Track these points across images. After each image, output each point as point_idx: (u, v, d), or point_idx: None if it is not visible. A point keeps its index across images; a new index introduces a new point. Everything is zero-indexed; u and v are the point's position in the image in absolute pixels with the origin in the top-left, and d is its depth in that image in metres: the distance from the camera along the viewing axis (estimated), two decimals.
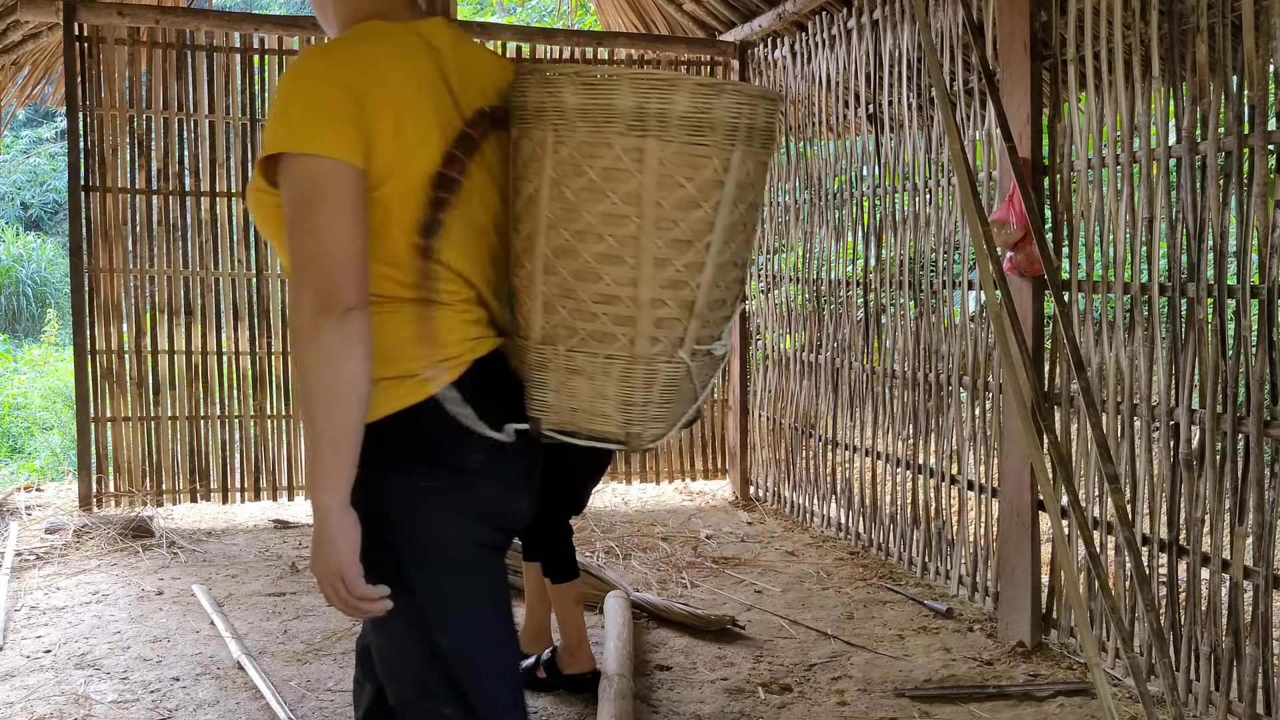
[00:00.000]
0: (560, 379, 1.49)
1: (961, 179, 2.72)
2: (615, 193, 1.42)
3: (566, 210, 1.44)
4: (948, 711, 3.02)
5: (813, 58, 5.00)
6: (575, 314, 1.46)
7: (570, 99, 1.41)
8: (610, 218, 1.43)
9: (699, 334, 1.51)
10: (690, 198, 1.44)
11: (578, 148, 1.42)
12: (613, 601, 3.67)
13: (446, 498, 1.49)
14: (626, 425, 1.50)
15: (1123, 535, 2.75)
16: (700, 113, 1.41)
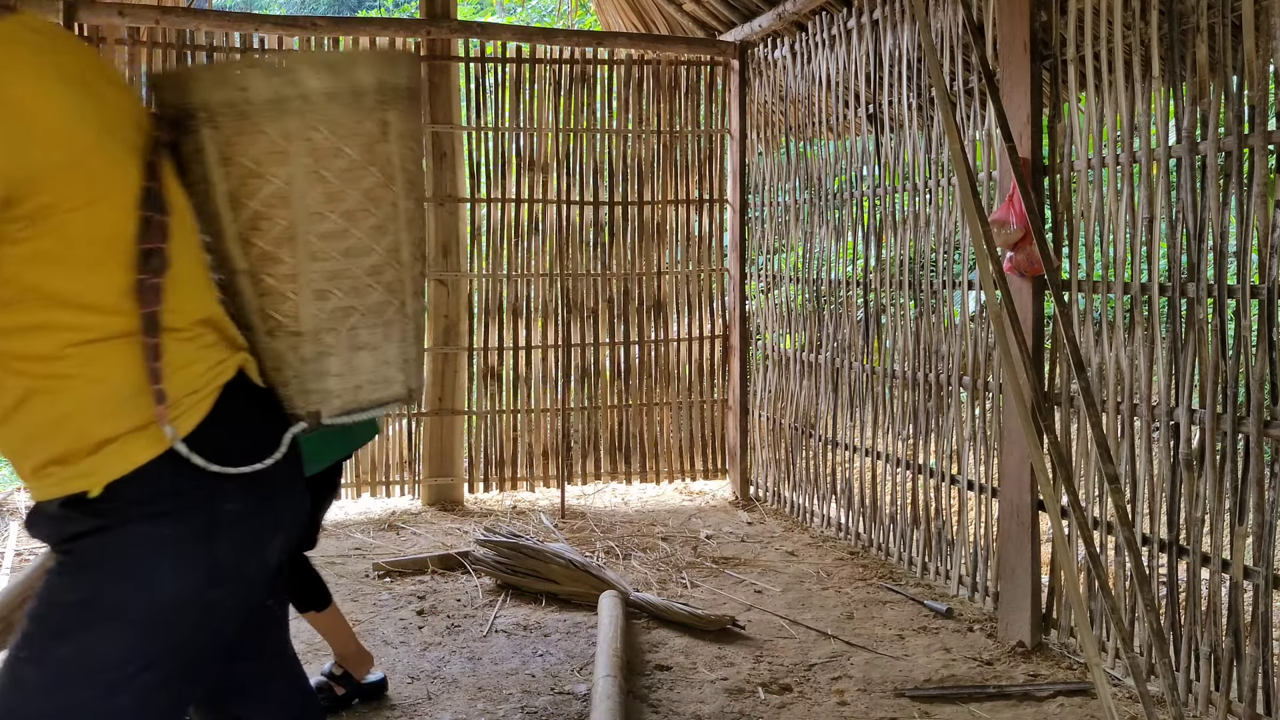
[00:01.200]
0: (344, 361, 1.50)
1: (961, 179, 2.71)
2: (374, 166, 1.47)
3: (329, 193, 1.44)
4: (948, 711, 3.02)
5: (813, 58, 5.00)
6: (351, 293, 1.48)
7: (315, 84, 1.42)
8: (373, 191, 1.47)
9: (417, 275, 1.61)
10: (417, 156, 1.56)
11: (333, 130, 1.43)
12: (606, 602, 3.67)
13: (181, 550, 1.36)
14: (407, 380, 1.58)
15: (1123, 535, 2.75)
16: (411, 82, 1.54)
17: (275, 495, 1.45)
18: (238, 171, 1.43)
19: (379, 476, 5.56)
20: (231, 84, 1.40)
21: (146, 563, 1.34)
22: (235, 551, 1.39)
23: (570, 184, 5.71)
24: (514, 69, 5.62)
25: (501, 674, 3.31)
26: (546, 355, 5.75)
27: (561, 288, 5.74)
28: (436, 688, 3.20)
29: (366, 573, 4.35)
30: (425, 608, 3.90)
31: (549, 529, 4.98)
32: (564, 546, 4.28)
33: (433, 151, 5.52)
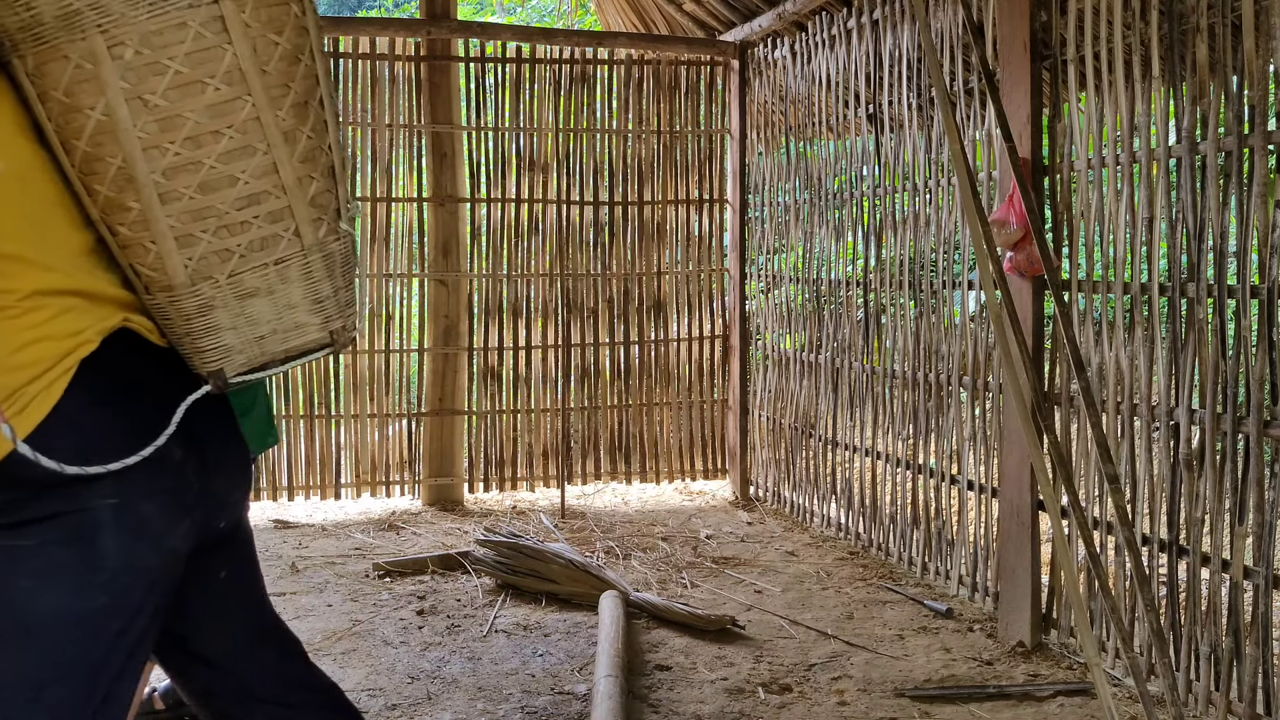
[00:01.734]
0: (234, 312, 1.28)
1: (961, 179, 2.71)
2: (213, 77, 1.21)
3: (163, 120, 1.20)
4: (948, 711, 3.02)
5: (813, 58, 5.00)
6: (221, 232, 1.25)
7: None
8: (219, 107, 1.22)
9: (346, 196, 1.37)
10: (290, 51, 1.26)
11: (144, 41, 1.17)
12: (607, 602, 3.67)
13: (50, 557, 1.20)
14: (326, 324, 1.36)
15: (1123, 535, 2.75)
16: None
17: (172, 473, 1.26)
18: (55, 108, 1.21)
19: (379, 476, 5.56)
20: (16, 3, 1.16)
21: (7, 580, 1.18)
22: (123, 550, 1.22)
23: (570, 184, 5.71)
24: (514, 69, 5.62)
25: (501, 674, 3.31)
26: (546, 355, 5.75)
27: (561, 288, 5.74)
28: (436, 688, 3.20)
29: (366, 573, 4.35)
30: (425, 608, 3.90)
31: (549, 529, 4.98)
32: (564, 546, 4.28)
33: (433, 151, 5.52)
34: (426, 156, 5.53)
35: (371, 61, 5.41)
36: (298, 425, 5.41)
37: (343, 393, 5.47)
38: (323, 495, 5.48)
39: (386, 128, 5.44)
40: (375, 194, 5.44)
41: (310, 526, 5.16)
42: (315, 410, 5.43)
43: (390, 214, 5.48)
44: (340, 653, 3.45)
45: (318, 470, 5.46)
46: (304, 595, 4.05)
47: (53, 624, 1.19)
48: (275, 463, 5.40)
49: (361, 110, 5.41)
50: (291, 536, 4.96)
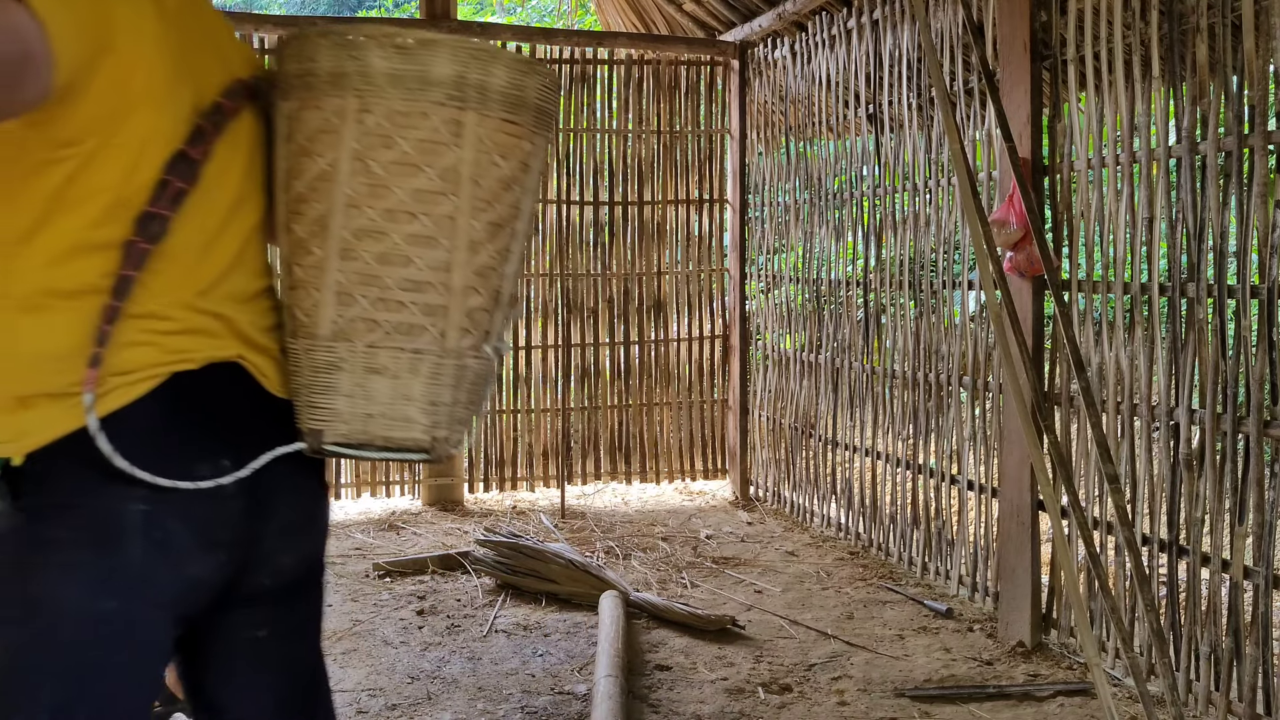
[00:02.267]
0: (357, 380, 1.31)
1: (961, 179, 2.72)
2: (432, 168, 1.28)
3: (373, 186, 1.28)
4: (948, 711, 3.02)
5: (813, 58, 5.00)
6: (379, 304, 1.30)
7: (379, 63, 1.27)
8: (425, 195, 1.29)
9: (501, 327, 1.40)
10: (505, 179, 1.34)
11: (388, 116, 1.27)
12: (607, 602, 3.67)
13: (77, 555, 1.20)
14: (432, 429, 1.35)
15: (1123, 535, 2.75)
16: (516, 90, 1.32)
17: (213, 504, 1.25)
18: (293, 149, 1.32)
19: (379, 476, 5.56)
20: (304, 54, 1.30)
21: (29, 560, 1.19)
22: (142, 560, 1.21)
23: (570, 184, 5.71)
24: None
25: (501, 674, 3.31)
26: (546, 355, 5.75)
27: (561, 288, 5.74)
28: (436, 688, 3.20)
29: (366, 573, 4.35)
30: (425, 608, 3.90)
31: (549, 529, 4.98)
32: (564, 546, 4.28)
33: None
34: None
35: None
36: None
37: None
38: None
39: None
40: None
41: None
42: None
43: None
44: (340, 653, 3.45)
45: None
46: None
47: (67, 618, 1.19)
48: None
49: None
50: None
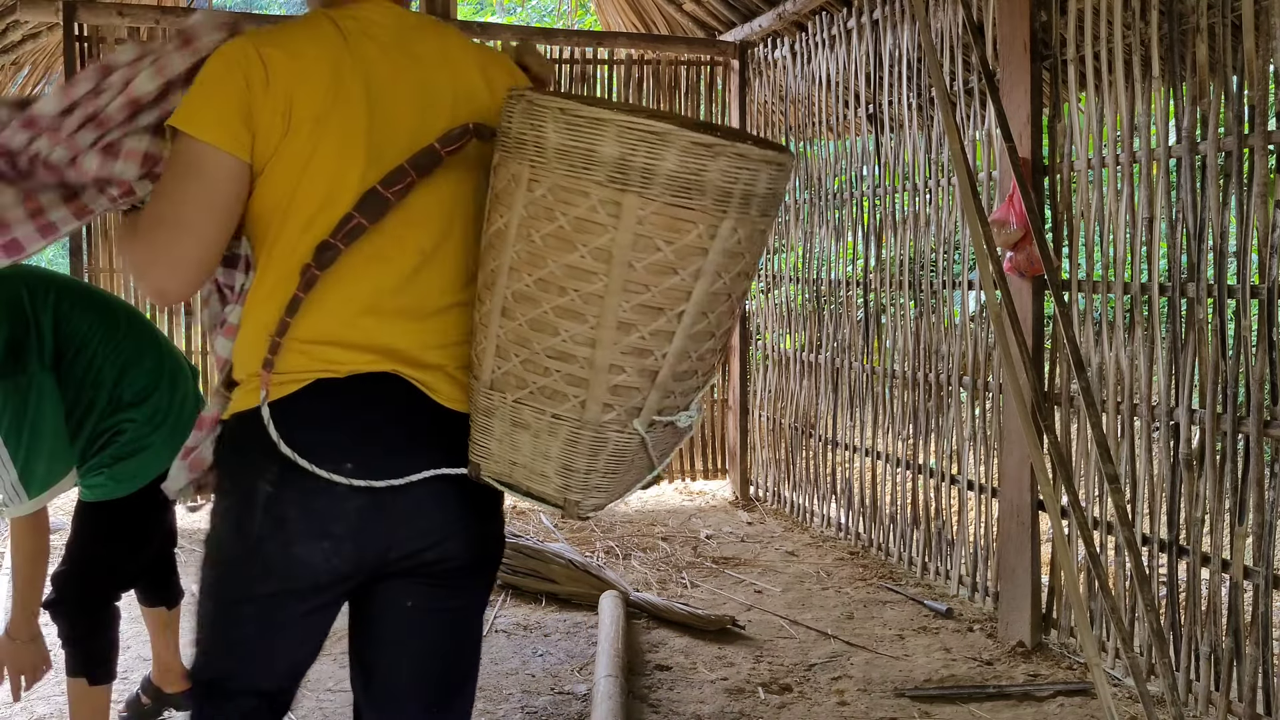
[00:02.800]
0: (505, 428, 1.38)
1: (961, 179, 2.71)
2: (585, 245, 1.29)
3: (532, 254, 1.32)
4: (948, 711, 3.02)
5: (813, 58, 5.00)
6: (527, 365, 1.35)
7: (552, 136, 1.28)
8: (576, 271, 1.30)
9: (660, 405, 1.38)
10: (667, 263, 1.30)
11: (552, 190, 1.29)
12: (607, 602, 3.67)
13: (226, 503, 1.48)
14: (565, 491, 1.39)
15: (1123, 535, 2.75)
16: (691, 174, 1.27)
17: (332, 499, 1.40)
18: (490, 199, 1.39)
19: None
20: (507, 111, 1.36)
21: (217, 505, 1.49)
22: (258, 533, 1.42)
23: None
24: None
25: (501, 674, 3.31)
26: None
27: None
28: None
29: None
30: None
31: (549, 529, 4.98)
32: (564, 546, 4.28)
33: None
34: None
35: None
36: None
37: None
38: None
39: None
40: None
41: None
42: None
43: None
44: (340, 653, 3.45)
45: None
46: None
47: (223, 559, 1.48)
48: None
49: None
50: None
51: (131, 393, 2.40)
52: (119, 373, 2.39)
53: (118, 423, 2.39)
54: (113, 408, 2.38)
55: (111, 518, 2.45)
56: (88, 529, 2.46)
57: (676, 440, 1.47)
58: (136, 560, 2.59)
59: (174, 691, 2.89)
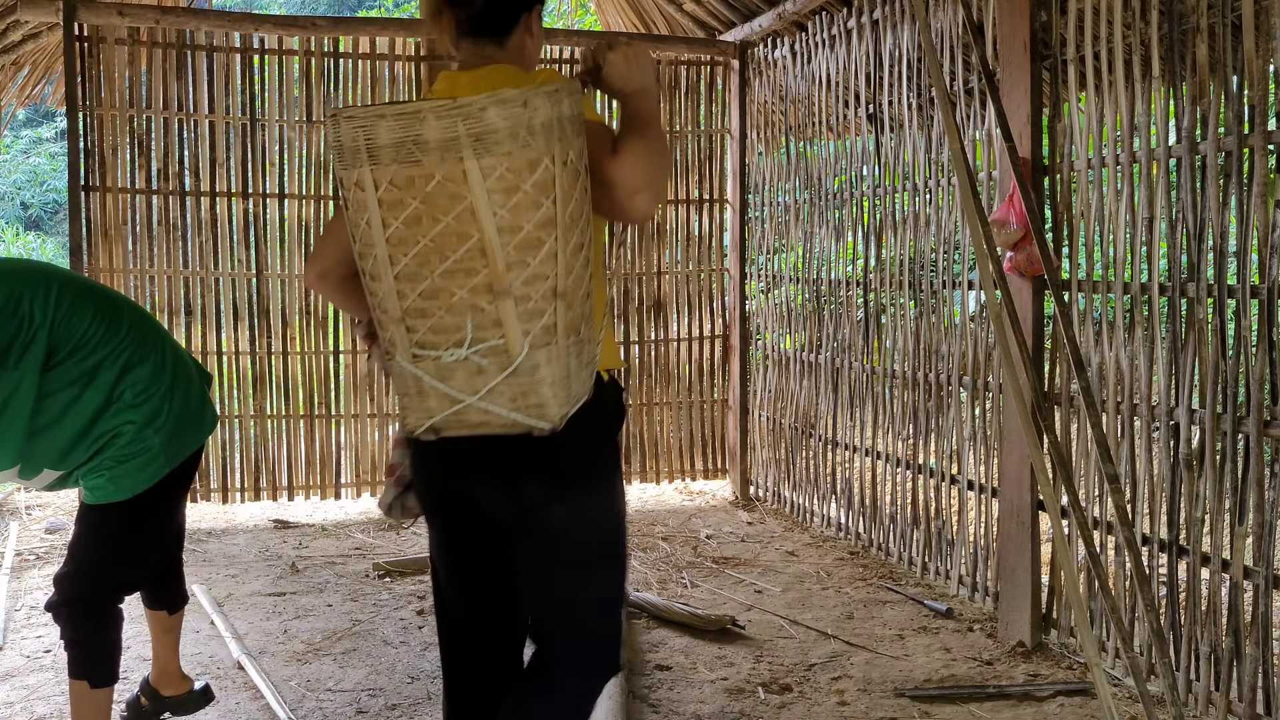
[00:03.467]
0: None
1: (961, 179, 2.71)
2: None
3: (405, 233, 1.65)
4: (948, 711, 3.02)
5: (813, 58, 5.00)
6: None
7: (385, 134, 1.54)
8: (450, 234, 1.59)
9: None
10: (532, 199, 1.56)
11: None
12: None
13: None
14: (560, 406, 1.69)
15: (1123, 535, 2.75)
16: (516, 123, 1.51)
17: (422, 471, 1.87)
18: None
19: (379, 476, 5.55)
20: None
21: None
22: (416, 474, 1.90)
23: None
24: None
25: None
26: None
27: None
28: (436, 688, 3.20)
29: (366, 573, 4.35)
30: (425, 608, 3.90)
31: None
32: None
33: None
34: None
35: (371, 61, 5.41)
36: (298, 425, 5.41)
37: (343, 393, 5.47)
38: (323, 495, 5.48)
39: None
40: None
41: (310, 526, 5.16)
42: (315, 410, 5.43)
43: None
44: (340, 653, 3.45)
45: (318, 470, 5.45)
46: (304, 595, 4.05)
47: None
48: (275, 463, 5.40)
49: None
50: (291, 536, 4.96)
51: (133, 394, 2.39)
52: (119, 373, 2.38)
53: (118, 424, 2.38)
54: (113, 408, 2.37)
55: (114, 520, 2.44)
56: (90, 531, 2.45)
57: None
58: (141, 563, 2.59)
59: (171, 694, 2.87)
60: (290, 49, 5.32)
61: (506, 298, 1.56)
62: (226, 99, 5.25)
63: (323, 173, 5.37)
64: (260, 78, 5.32)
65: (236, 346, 5.32)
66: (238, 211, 5.30)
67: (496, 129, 1.51)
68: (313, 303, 5.40)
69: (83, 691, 2.46)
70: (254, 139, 5.28)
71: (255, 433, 5.37)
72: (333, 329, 5.45)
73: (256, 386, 5.35)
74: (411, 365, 1.62)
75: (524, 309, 1.57)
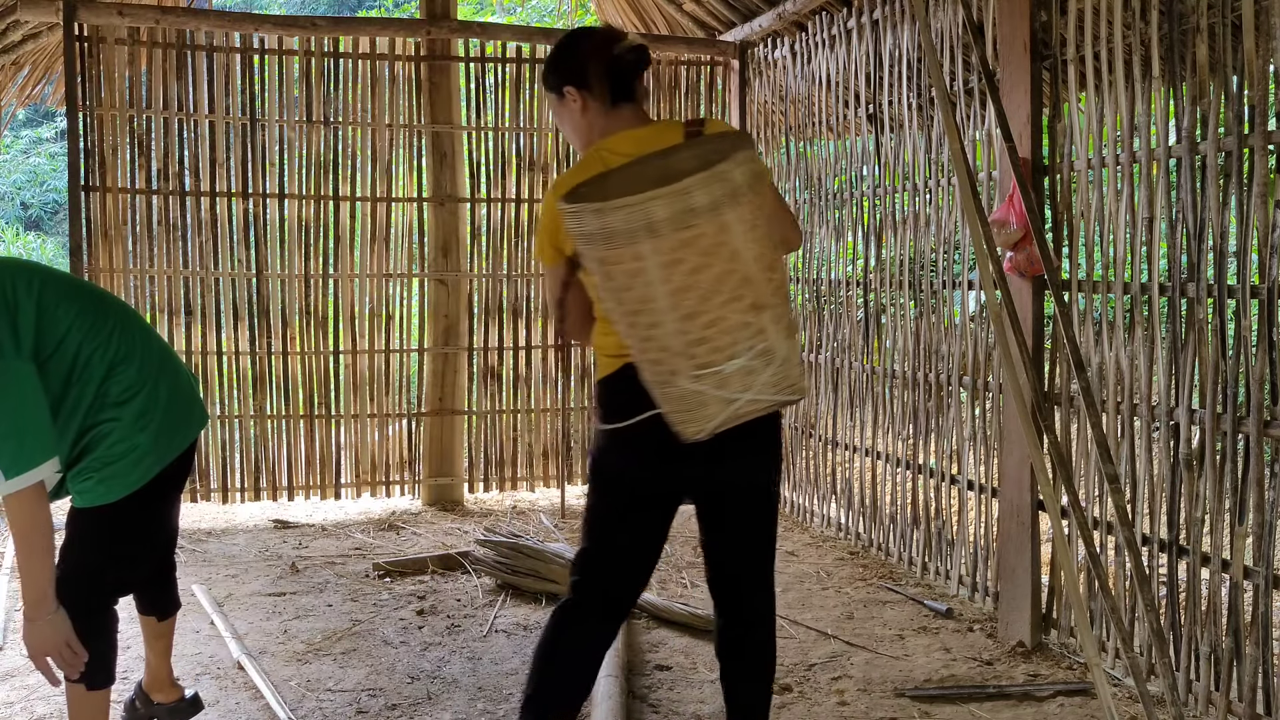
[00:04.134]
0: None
1: (961, 179, 2.71)
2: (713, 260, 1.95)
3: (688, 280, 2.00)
4: (948, 711, 3.02)
5: (813, 58, 5.00)
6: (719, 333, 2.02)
7: (609, 221, 1.90)
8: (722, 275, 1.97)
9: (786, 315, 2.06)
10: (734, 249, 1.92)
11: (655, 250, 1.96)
12: None
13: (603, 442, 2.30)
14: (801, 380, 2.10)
15: (1123, 535, 2.75)
16: (750, 176, 1.90)
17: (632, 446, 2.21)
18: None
19: (379, 476, 5.56)
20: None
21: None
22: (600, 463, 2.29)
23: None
24: (514, 69, 5.62)
25: (501, 674, 3.31)
26: (546, 355, 5.75)
27: None
28: (436, 688, 3.20)
29: (366, 573, 4.35)
30: (425, 608, 3.90)
31: (549, 529, 4.98)
32: (564, 546, 4.28)
33: (433, 151, 5.52)
34: (426, 156, 5.53)
35: (371, 61, 5.41)
36: (298, 425, 5.41)
37: (343, 393, 5.47)
38: (323, 495, 5.48)
39: (386, 128, 5.44)
40: (375, 194, 5.44)
41: (310, 526, 5.16)
42: (315, 410, 5.43)
43: (390, 214, 5.48)
44: (340, 653, 3.45)
45: (318, 470, 5.46)
46: (304, 595, 4.05)
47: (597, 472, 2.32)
48: (275, 463, 5.40)
49: (361, 110, 5.42)
50: (291, 536, 4.96)
51: (119, 389, 2.36)
52: (107, 369, 2.35)
53: (102, 421, 2.35)
54: (99, 404, 2.34)
55: (105, 523, 2.41)
56: (81, 535, 2.42)
57: None
58: (135, 565, 2.57)
59: (161, 700, 2.85)
60: (290, 49, 5.32)
61: (766, 309, 1.94)
62: (226, 99, 5.25)
63: (322, 173, 5.38)
64: (260, 78, 5.32)
65: (236, 346, 5.32)
66: (238, 211, 5.30)
67: (739, 184, 1.88)
68: (313, 303, 5.41)
69: (80, 694, 2.45)
70: (254, 139, 5.29)
71: (255, 433, 5.37)
72: (333, 329, 5.45)
73: (256, 386, 5.36)
74: (694, 384, 1.98)
75: (774, 314, 1.95)
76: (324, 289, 5.43)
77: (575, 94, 2.28)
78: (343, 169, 5.41)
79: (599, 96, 2.27)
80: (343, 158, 5.41)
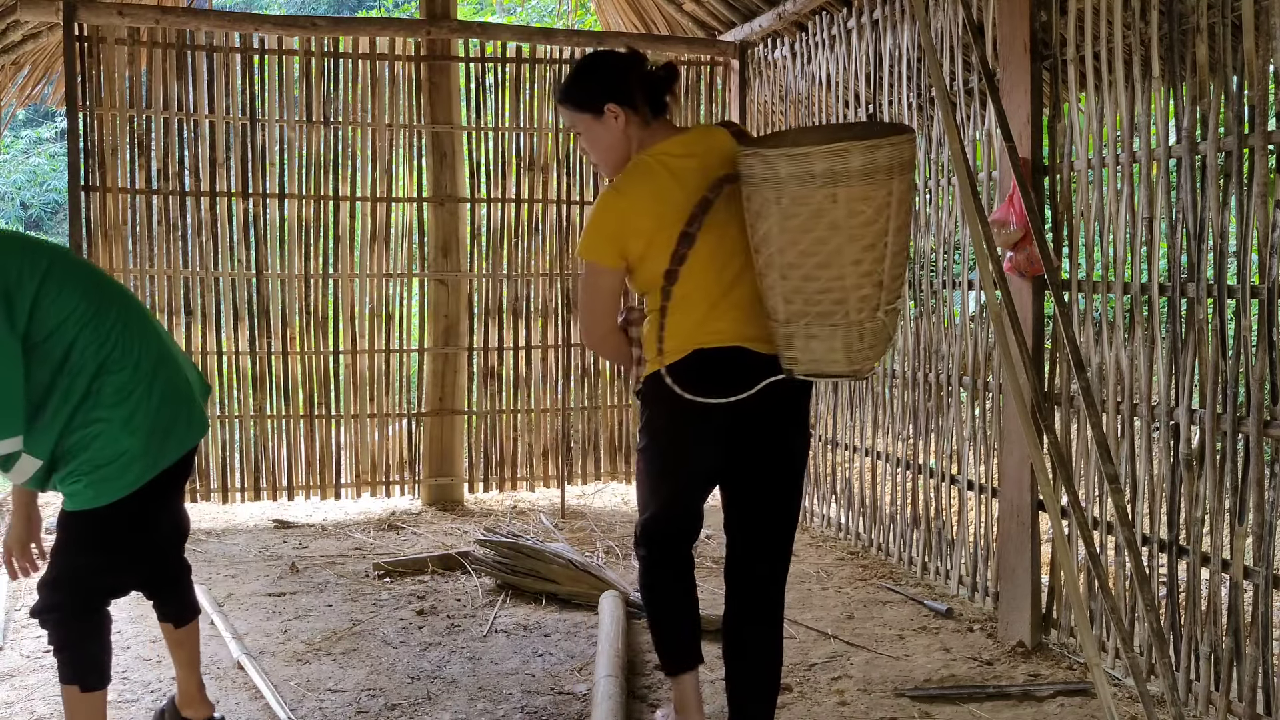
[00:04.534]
0: (803, 344, 2.28)
1: (961, 179, 2.71)
2: (822, 224, 2.16)
3: (792, 239, 2.19)
4: (948, 711, 3.02)
5: (813, 58, 5.00)
6: (807, 302, 2.23)
7: (785, 170, 2.14)
8: (819, 240, 2.17)
9: (887, 299, 2.24)
10: (868, 217, 2.15)
11: (792, 200, 2.16)
12: (607, 602, 3.67)
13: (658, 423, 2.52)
14: (850, 364, 2.28)
15: (1123, 535, 2.75)
16: (869, 164, 2.11)
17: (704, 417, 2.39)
18: (749, 217, 2.28)
19: (379, 476, 5.56)
20: (745, 164, 2.23)
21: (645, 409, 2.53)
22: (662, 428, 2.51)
23: (570, 184, 5.72)
24: (514, 69, 5.62)
25: (501, 674, 3.31)
26: (546, 355, 5.75)
27: (561, 288, 5.74)
28: (436, 688, 3.20)
29: (366, 573, 4.35)
30: (425, 608, 3.90)
31: (549, 529, 4.98)
32: (564, 546, 4.28)
33: (433, 151, 5.52)
34: (426, 156, 5.53)
35: (371, 61, 5.41)
36: (298, 425, 5.41)
37: (343, 393, 5.47)
38: (323, 495, 5.48)
39: (386, 128, 5.44)
40: (375, 194, 5.44)
41: (310, 526, 5.16)
42: (315, 410, 5.43)
43: (390, 214, 5.48)
44: (340, 653, 3.45)
45: (318, 470, 5.46)
46: (304, 595, 4.05)
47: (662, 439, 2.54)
48: (275, 463, 5.40)
49: (361, 110, 5.42)
50: (291, 536, 4.96)
51: (112, 388, 2.33)
52: (100, 365, 2.32)
53: (93, 422, 2.32)
54: (90, 402, 2.31)
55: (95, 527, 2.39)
56: (72, 538, 2.39)
57: (896, 319, 2.33)
58: (127, 569, 2.55)
59: (190, 717, 2.78)
60: (290, 49, 5.32)
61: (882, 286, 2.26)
62: (226, 99, 5.25)
63: (322, 173, 5.38)
64: (260, 78, 5.32)
65: (236, 346, 5.32)
66: (238, 211, 5.30)
67: (907, 160, 2.17)
68: (313, 303, 5.41)
69: (75, 697, 2.43)
70: (254, 139, 5.28)
71: (255, 433, 5.37)
72: (333, 329, 5.45)
73: (256, 387, 5.35)
74: (886, 317, 2.26)
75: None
76: (324, 289, 5.43)
77: (619, 110, 2.45)
78: (343, 169, 5.41)
79: (641, 111, 2.47)
80: (343, 158, 5.41)
